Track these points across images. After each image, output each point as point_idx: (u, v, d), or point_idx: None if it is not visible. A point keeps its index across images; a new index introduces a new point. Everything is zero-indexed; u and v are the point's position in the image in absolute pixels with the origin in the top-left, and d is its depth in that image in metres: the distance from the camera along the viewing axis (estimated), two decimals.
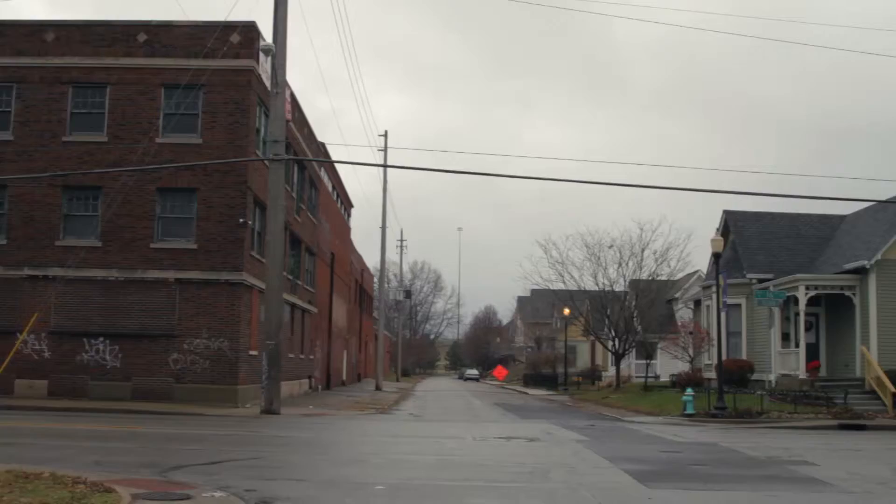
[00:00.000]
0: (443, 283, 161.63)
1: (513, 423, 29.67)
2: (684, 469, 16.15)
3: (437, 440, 21.57)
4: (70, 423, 23.52)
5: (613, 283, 54.71)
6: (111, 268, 32.36)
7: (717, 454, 19.02)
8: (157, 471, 13.77)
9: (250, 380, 32.87)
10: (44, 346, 32.34)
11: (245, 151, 32.22)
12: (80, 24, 33.90)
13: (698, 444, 21.48)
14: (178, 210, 32.75)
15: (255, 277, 33.37)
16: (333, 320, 57.49)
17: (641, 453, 18.84)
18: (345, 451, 19.29)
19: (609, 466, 15.94)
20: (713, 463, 17.18)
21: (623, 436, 24.38)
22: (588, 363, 78.89)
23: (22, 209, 32.93)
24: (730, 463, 17.28)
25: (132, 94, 32.90)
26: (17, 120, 33.25)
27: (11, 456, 14.69)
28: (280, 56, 29.25)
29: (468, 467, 15.79)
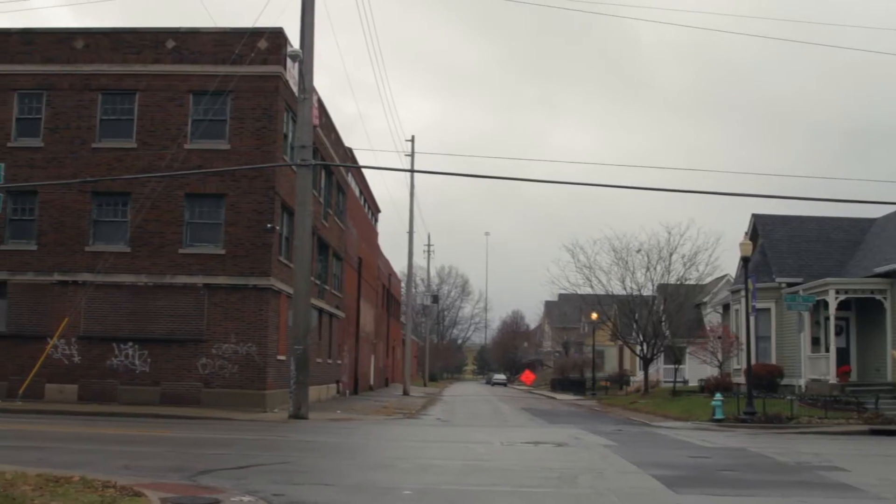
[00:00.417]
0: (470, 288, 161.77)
1: (540, 428, 29.59)
2: (713, 475, 16.03)
3: (465, 445, 21.55)
4: (99, 427, 23.66)
5: (641, 288, 54.49)
6: (140, 273, 32.55)
7: (747, 460, 18.88)
8: (186, 475, 13.82)
9: (278, 384, 32.97)
10: (74, 351, 32.57)
11: (273, 157, 32.35)
12: (109, 31, 34.16)
13: (727, 450, 21.34)
14: (206, 216, 32.92)
15: (283, 282, 33.47)
16: (361, 325, 57.57)
17: (670, 458, 18.73)
18: (372, 455, 19.30)
19: (637, 472, 15.85)
20: (742, 468, 17.05)
21: (651, 441, 24.26)
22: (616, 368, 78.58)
23: (52, 215, 33.21)
24: (759, 468, 17.15)
25: (161, 100, 33.11)
26: (48, 127, 33.55)
27: (42, 460, 14.81)
28: (307, 62, 29.34)
29: (495, 472, 15.75)
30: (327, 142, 42.19)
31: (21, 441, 19.21)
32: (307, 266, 29.68)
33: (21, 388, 31.83)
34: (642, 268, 54.33)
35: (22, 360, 32.41)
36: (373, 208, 68.72)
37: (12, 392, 31.95)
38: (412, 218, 66.92)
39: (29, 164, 33.20)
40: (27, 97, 33.89)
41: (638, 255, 54.38)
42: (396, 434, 25.69)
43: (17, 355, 32.59)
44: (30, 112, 33.84)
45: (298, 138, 29.89)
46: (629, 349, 61.60)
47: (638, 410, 41.42)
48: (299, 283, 29.41)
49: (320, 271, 42.26)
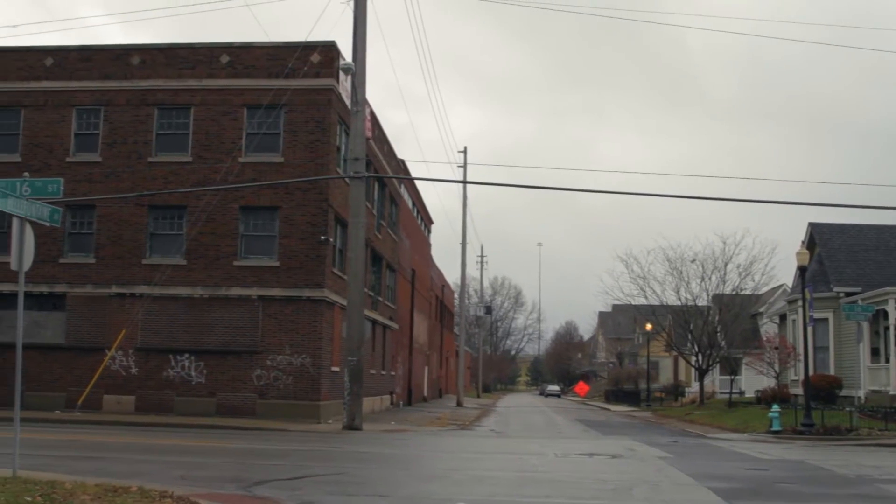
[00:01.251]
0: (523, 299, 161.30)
1: (595, 440, 29.42)
2: (771, 487, 15.82)
3: (519, 456, 21.47)
4: (156, 438, 23.91)
5: (696, 298, 53.99)
6: (196, 285, 32.88)
7: (805, 472, 18.62)
8: (242, 485, 13.92)
9: (332, 396, 33.11)
10: (131, 362, 32.97)
11: (326, 169, 32.54)
12: (164, 47, 34.61)
13: (785, 462, 21.06)
14: (260, 228, 33.18)
15: (337, 294, 33.63)
16: (414, 336, 57.65)
17: (726, 471, 18.52)
18: (426, 466, 19.31)
19: (693, 484, 15.70)
20: (801, 481, 16.81)
21: (707, 453, 24.01)
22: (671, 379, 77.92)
23: (110, 229, 33.68)
24: (818, 481, 16.90)
25: (215, 114, 33.47)
26: (105, 142, 34.06)
27: (100, 470, 14.99)
28: (360, 74, 29.51)
29: (550, 484, 15.68)
30: (380, 154, 42.37)
31: (80, 451, 19.48)
32: (360, 277, 29.79)
33: (80, 399, 32.33)
34: (697, 278, 53.89)
35: (80, 372, 32.90)
36: (425, 220, 68.85)
37: (71, 403, 32.45)
38: (465, 229, 67.02)
39: (87, 179, 33.73)
40: (85, 113, 34.44)
41: (692, 265, 53.96)
42: (450, 445, 25.67)
43: (76, 367, 33.07)
44: (88, 127, 34.39)
45: (351, 151, 30.04)
46: (684, 360, 61.04)
47: (693, 422, 41.03)
48: (353, 295, 29.52)
49: (374, 283, 42.39)
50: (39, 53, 35.02)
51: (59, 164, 33.85)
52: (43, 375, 33.03)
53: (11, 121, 34.72)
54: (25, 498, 11.20)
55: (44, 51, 35.08)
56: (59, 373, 33.21)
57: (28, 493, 11.54)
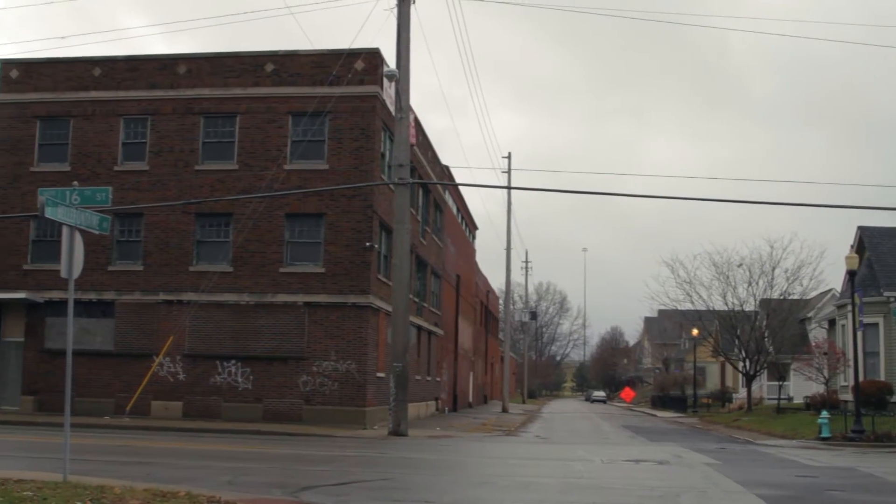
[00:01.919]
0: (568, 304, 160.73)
1: (641, 446, 29.25)
2: (821, 495, 15.63)
3: (565, 463, 21.39)
4: (203, 443, 24.09)
5: (743, 303, 53.49)
6: (242, 292, 33.10)
7: (856, 479, 18.39)
8: (288, 491, 13.98)
9: (378, 401, 33.18)
10: (178, 368, 33.25)
11: (370, 176, 32.65)
12: (210, 56, 34.92)
13: (835, 469, 20.80)
14: (305, 235, 33.35)
15: (382, 300, 33.71)
16: (459, 342, 57.65)
17: (775, 478, 18.33)
18: (472, 473, 19.29)
19: (742, 491, 15.55)
20: (851, 488, 16.60)
21: (756, 459, 23.77)
22: (718, 385, 77.23)
23: (157, 236, 34.02)
24: (869, 489, 16.68)
25: (260, 122, 33.71)
26: (152, 150, 34.42)
27: (149, 475, 15.14)
28: (404, 81, 29.59)
29: (596, 490, 15.60)
30: (424, 160, 42.44)
31: (129, 456, 19.68)
32: (405, 284, 29.84)
33: (128, 405, 32.67)
34: (744, 282, 53.38)
35: (129, 378, 33.24)
36: (470, 225, 68.85)
37: (120, 409, 32.80)
38: (509, 234, 66.93)
39: (135, 187, 34.11)
40: (132, 122, 34.83)
41: (739, 270, 53.44)
42: (496, 451, 25.63)
43: (125, 373, 33.42)
44: (135, 136, 34.78)
45: (396, 157, 30.12)
46: (731, 366, 60.50)
47: (741, 428, 40.64)
48: (398, 301, 29.57)
49: (419, 289, 42.45)
50: (87, 64, 35.49)
51: (107, 173, 34.25)
52: (92, 382, 33.44)
53: (61, 131, 35.22)
54: (76, 502, 11.34)
55: (92, 61, 35.55)
56: (108, 379, 33.59)
57: (78, 497, 11.68)
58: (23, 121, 35.40)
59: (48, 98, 35.32)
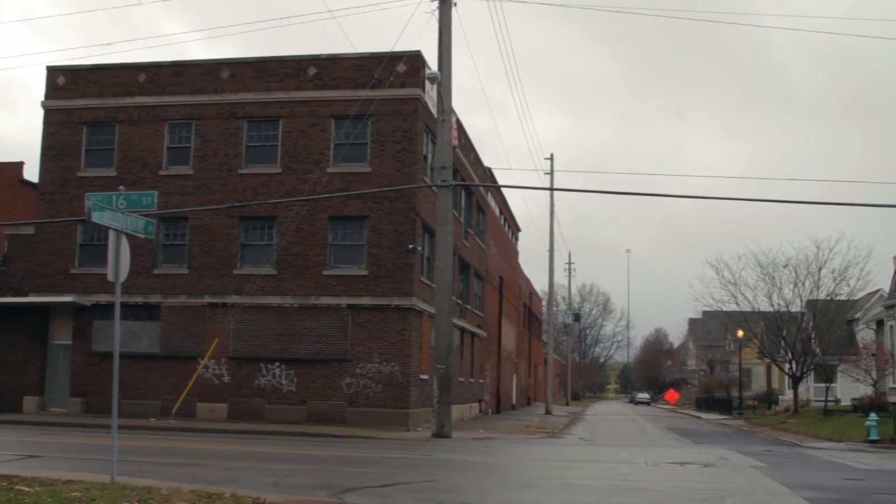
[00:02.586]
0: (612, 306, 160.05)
1: (686, 448, 29.06)
2: (869, 498, 15.46)
3: (609, 465, 21.30)
4: (248, 445, 24.26)
5: (789, 304, 52.95)
6: (286, 294, 33.29)
7: None
8: (332, 493, 14.04)
9: (421, 403, 33.23)
10: (223, 370, 33.50)
11: (413, 178, 32.72)
12: (253, 60, 35.16)
13: (884, 472, 20.56)
14: (349, 237, 33.47)
15: (425, 302, 33.76)
16: (502, 344, 57.57)
17: (822, 481, 18.15)
18: (516, 474, 19.27)
19: (788, 494, 15.41)
20: None
21: (802, 462, 23.54)
22: (763, 387, 76.55)
23: (202, 240, 34.30)
24: None
25: (303, 126, 33.89)
26: (196, 155, 34.72)
27: (195, 476, 15.28)
28: (445, 83, 29.63)
29: (640, 493, 15.53)
30: (466, 162, 42.46)
31: (175, 458, 19.86)
32: (448, 286, 29.86)
33: (174, 407, 32.98)
34: (790, 283, 52.84)
35: (175, 380, 33.55)
36: (513, 227, 68.75)
37: (166, 411, 33.11)
38: (552, 236, 66.70)
39: (179, 191, 34.43)
40: (177, 127, 35.16)
41: (785, 271, 52.90)
42: (539, 453, 25.58)
43: (170, 375, 33.74)
44: (180, 141, 35.10)
45: (438, 159, 30.16)
46: (777, 367, 59.94)
47: (787, 430, 40.25)
48: (441, 303, 29.61)
49: (462, 291, 42.46)
50: (133, 70, 35.88)
51: (152, 178, 34.60)
52: (139, 384, 33.78)
53: (107, 136, 35.63)
54: (123, 503, 11.46)
55: (137, 67, 35.94)
56: (155, 381, 33.92)
57: (126, 498, 11.81)
58: (70, 127, 35.86)
59: (94, 104, 35.74)
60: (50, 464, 17.10)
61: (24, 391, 35.25)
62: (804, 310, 53.03)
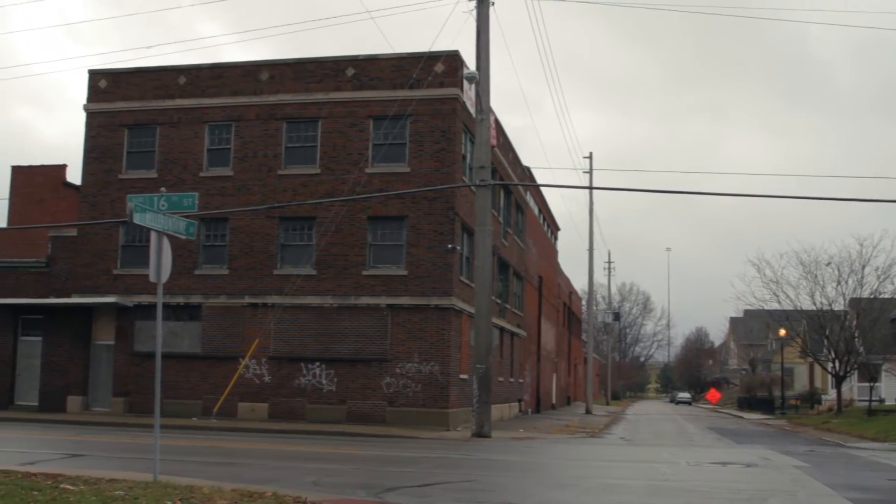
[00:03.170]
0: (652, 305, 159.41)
1: (727, 448, 28.84)
2: None
3: (649, 465, 21.18)
4: (289, 444, 24.36)
5: (832, 303, 52.40)
6: (326, 295, 33.41)
7: None
8: (372, 492, 14.07)
9: (461, 403, 33.23)
10: (264, 370, 33.68)
11: (452, 178, 32.72)
12: (292, 62, 35.30)
13: None
14: (388, 237, 33.52)
15: (464, 302, 33.75)
16: (542, 344, 57.46)
17: (867, 481, 17.94)
18: (556, 474, 19.21)
19: (832, 495, 15.25)
20: None
21: (846, 463, 23.29)
22: (806, 386, 75.86)
23: (242, 240, 34.50)
24: None
25: (342, 126, 33.98)
26: (236, 156, 34.94)
27: (236, 475, 15.37)
28: (484, 82, 29.60)
29: (681, 493, 15.43)
30: (505, 161, 42.40)
31: (216, 457, 19.99)
32: (488, 285, 29.84)
33: (215, 407, 33.20)
34: (833, 281, 52.29)
35: (216, 380, 33.79)
36: (552, 226, 68.59)
37: (207, 410, 33.34)
38: (591, 235, 66.53)
39: (220, 192, 34.66)
40: (217, 128, 35.40)
41: (828, 269, 52.36)
42: (579, 453, 25.49)
43: (212, 375, 33.98)
44: (220, 143, 35.34)
45: (477, 159, 30.14)
46: (820, 367, 59.34)
47: (830, 430, 39.85)
48: (480, 303, 29.59)
49: (501, 290, 42.40)
50: (173, 73, 36.16)
51: (193, 179, 34.85)
52: (180, 384, 34.05)
53: (148, 138, 35.95)
54: (166, 502, 11.55)
55: (177, 70, 36.21)
56: (196, 381, 34.18)
57: (168, 497, 11.90)
58: (111, 129, 36.21)
59: (135, 107, 36.06)
60: (94, 463, 17.27)
61: (68, 391, 35.67)
62: (847, 308, 52.47)
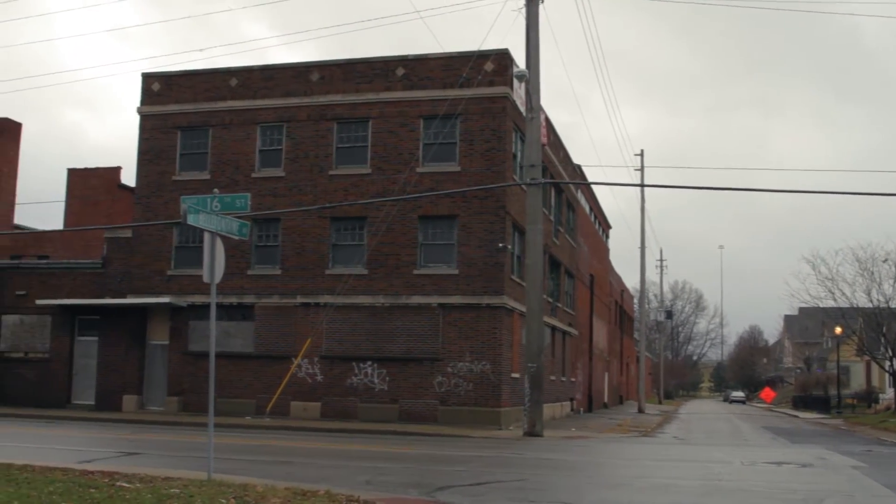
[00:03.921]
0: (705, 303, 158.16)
1: (782, 448, 28.51)
2: None
3: (703, 464, 21.00)
4: (341, 443, 24.48)
5: (889, 300, 51.66)
6: (377, 294, 33.51)
7: None
8: (425, 491, 14.09)
9: (512, 402, 33.17)
10: (316, 370, 33.86)
11: (502, 177, 32.67)
12: (342, 62, 35.45)
13: None
14: (439, 237, 33.55)
15: (516, 301, 33.69)
16: (594, 342, 57.22)
17: None
18: (608, 474, 19.12)
19: (891, 496, 15.02)
20: None
21: None
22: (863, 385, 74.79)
23: (294, 241, 34.72)
24: None
25: (392, 126, 34.07)
26: (288, 157, 35.16)
27: (289, 474, 15.46)
28: (534, 81, 29.52)
29: (736, 493, 15.28)
30: (556, 159, 42.26)
31: (270, 456, 20.13)
32: (539, 284, 29.76)
33: (268, 406, 33.44)
34: (890, 278, 51.59)
35: (269, 380, 34.03)
36: (603, 225, 68.26)
37: (260, 409, 33.60)
38: (643, 233, 66.11)
39: (272, 193, 34.91)
40: (268, 130, 35.66)
41: (885, 266, 51.67)
42: (632, 452, 25.34)
43: (264, 375, 34.22)
44: (271, 144, 35.59)
45: (527, 157, 30.08)
46: (877, 365, 58.53)
47: (888, 430, 39.25)
48: (531, 301, 29.52)
49: (552, 289, 42.28)
50: (225, 75, 36.48)
51: (245, 180, 35.13)
52: (234, 383, 34.35)
53: (200, 140, 36.32)
54: (220, 500, 11.65)
55: (228, 72, 36.53)
56: (249, 380, 34.45)
57: (223, 495, 12.00)
58: (164, 131, 36.62)
59: (188, 109, 36.44)
60: (149, 461, 17.47)
61: (124, 390, 36.13)
62: None
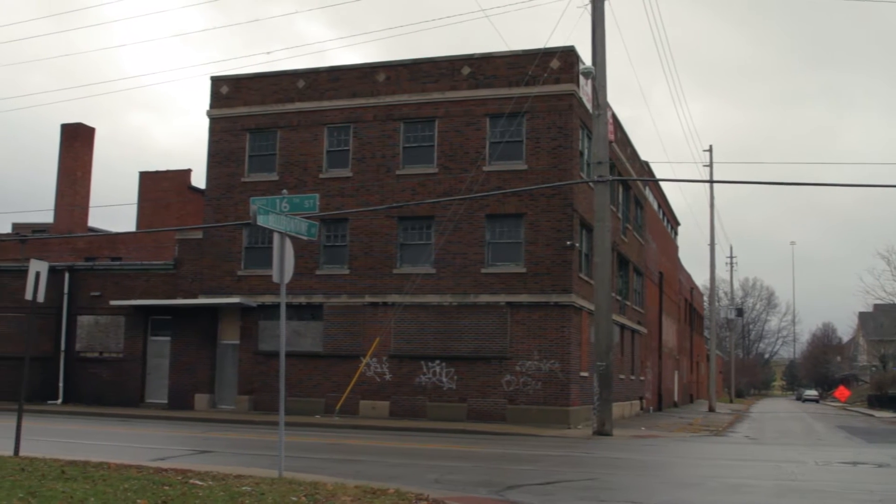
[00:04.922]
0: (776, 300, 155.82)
1: (858, 448, 27.98)
2: None
3: (776, 464, 20.70)
4: (410, 442, 24.56)
5: None
6: (445, 293, 33.55)
7: None
8: (494, 490, 14.09)
9: (581, 401, 33.01)
10: (385, 369, 34.01)
11: (569, 174, 32.52)
12: (408, 63, 35.56)
13: None
14: (506, 235, 33.49)
15: (584, 299, 33.53)
16: (663, 340, 56.74)
17: None
18: (679, 473, 18.94)
19: None
20: None
21: None
22: None
23: (362, 241, 34.90)
24: None
25: (459, 125, 34.09)
26: (355, 157, 35.36)
27: (359, 472, 15.56)
28: (600, 77, 29.34)
29: (810, 494, 15.04)
30: (623, 156, 41.97)
31: (339, 454, 20.26)
32: (607, 282, 29.58)
33: (338, 405, 33.67)
34: None
35: (338, 379, 34.27)
36: (671, 221, 67.65)
37: (330, 408, 33.85)
38: (713, 230, 65.36)
39: (339, 193, 35.14)
40: (336, 131, 35.89)
41: None
42: (703, 452, 25.08)
43: (334, 374, 34.47)
44: (339, 144, 35.83)
45: (594, 155, 29.91)
46: None
47: None
48: (600, 300, 29.35)
49: (620, 287, 42.01)
50: (292, 77, 36.80)
51: (313, 181, 35.42)
52: (303, 382, 34.65)
53: (269, 142, 36.68)
54: (291, 498, 11.76)
55: (296, 74, 36.84)
56: (318, 379, 34.71)
57: (293, 493, 12.11)
58: (233, 134, 37.05)
59: (256, 111, 36.84)
60: (220, 459, 17.70)
61: (196, 389, 36.63)
62: None
